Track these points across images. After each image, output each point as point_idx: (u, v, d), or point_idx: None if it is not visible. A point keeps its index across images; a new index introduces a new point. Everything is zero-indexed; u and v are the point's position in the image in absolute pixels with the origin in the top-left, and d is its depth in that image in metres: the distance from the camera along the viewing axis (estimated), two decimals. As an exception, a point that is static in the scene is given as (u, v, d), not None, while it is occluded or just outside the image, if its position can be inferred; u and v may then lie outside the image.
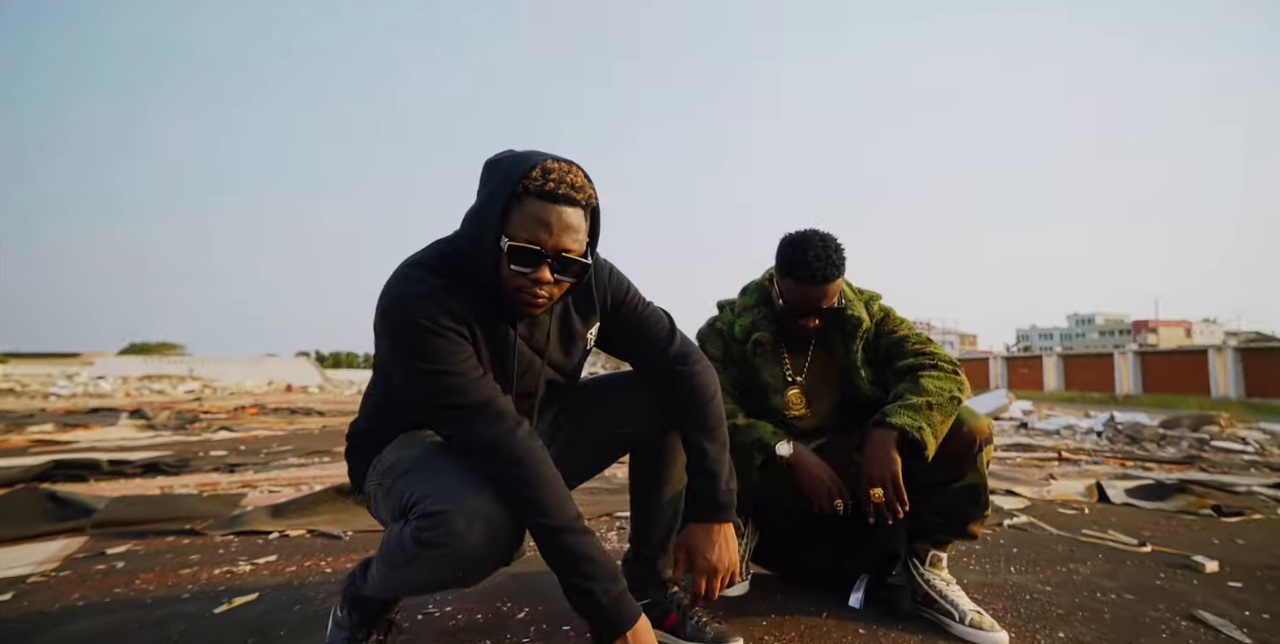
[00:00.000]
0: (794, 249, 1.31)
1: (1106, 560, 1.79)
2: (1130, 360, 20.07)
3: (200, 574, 1.63)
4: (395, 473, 0.99)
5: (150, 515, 2.15)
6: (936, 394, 1.23)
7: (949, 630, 1.25)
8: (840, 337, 1.42)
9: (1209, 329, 66.68)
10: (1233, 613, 1.38)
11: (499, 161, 0.95)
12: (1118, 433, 6.09)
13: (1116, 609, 1.39)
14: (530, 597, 1.44)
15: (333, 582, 1.56)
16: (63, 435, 5.51)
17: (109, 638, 1.24)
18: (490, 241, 0.92)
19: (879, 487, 1.16)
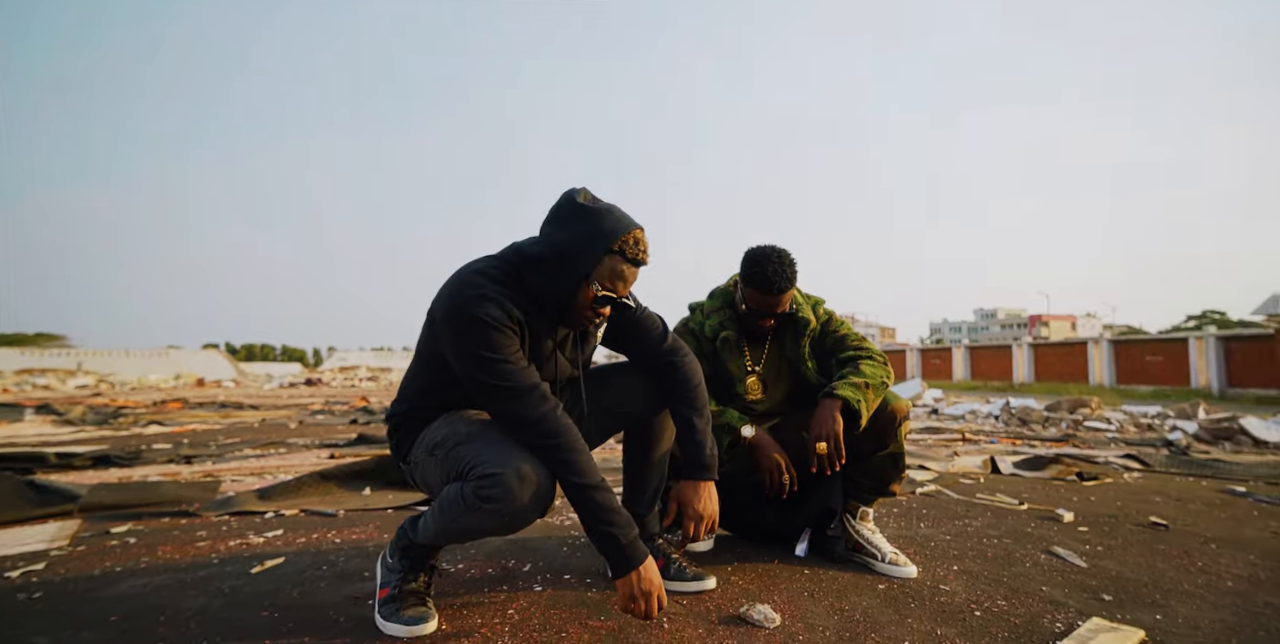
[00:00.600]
0: (756, 263, 1.59)
1: (993, 516, 2.22)
2: (1025, 352, 22.10)
3: (217, 545, 1.76)
4: (449, 444, 1.20)
5: (136, 500, 2.21)
6: (872, 378, 1.55)
7: (873, 568, 1.59)
8: (791, 334, 1.73)
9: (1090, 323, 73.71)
10: (1077, 547, 1.80)
11: (598, 215, 1.17)
12: (1011, 416, 6.90)
13: (996, 550, 1.79)
14: (529, 555, 1.68)
15: (347, 549, 1.74)
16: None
17: (167, 592, 1.38)
18: (577, 279, 1.17)
19: (824, 441, 1.46)
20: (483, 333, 1.14)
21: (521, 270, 1.22)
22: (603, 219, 1.18)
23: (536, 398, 1.15)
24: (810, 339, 1.71)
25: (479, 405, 1.28)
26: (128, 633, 1.19)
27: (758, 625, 1.24)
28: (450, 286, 1.21)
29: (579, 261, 1.17)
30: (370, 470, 2.61)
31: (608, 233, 1.16)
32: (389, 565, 1.29)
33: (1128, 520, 2.18)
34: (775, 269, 1.57)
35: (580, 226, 1.17)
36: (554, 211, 1.22)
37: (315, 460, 3.47)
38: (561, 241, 1.18)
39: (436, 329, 1.22)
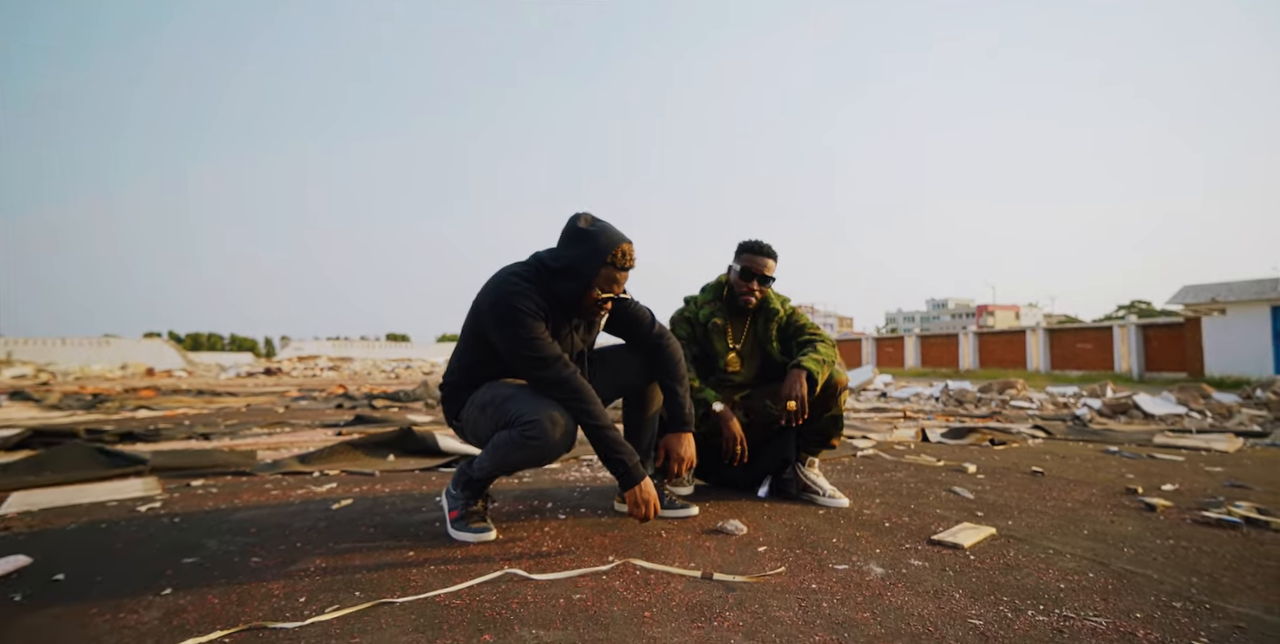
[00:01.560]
0: (752, 240, 2.14)
1: (914, 470, 2.75)
2: (970, 340, 23.44)
3: (289, 493, 2.14)
4: (496, 402, 1.62)
5: (195, 463, 2.55)
6: (825, 357, 2.04)
7: (816, 501, 2.08)
8: (764, 321, 2.20)
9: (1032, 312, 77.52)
10: (970, 487, 2.34)
11: (594, 236, 1.60)
12: (949, 397, 7.63)
13: (910, 489, 2.31)
14: (550, 497, 2.12)
15: (396, 496, 2.14)
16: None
17: (277, 518, 1.77)
18: (584, 284, 1.61)
19: (794, 401, 1.94)
20: (520, 318, 1.57)
21: (543, 276, 1.65)
22: (598, 239, 1.61)
23: (561, 365, 1.59)
24: (777, 326, 2.20)
25: (517, 373, 1.69)
26: (268, 539, 1.58)
27: (730, 533, 1.71)
28: (493, 285, 1.63)
29: (582, 273, 1.60)
30: (393, 441, 2.99)
31: (602, 250, 1.59)
32: (453, 495, 1.71)
33: (1016, 471, 2.75)
34: (765, 243, 2.13)
35: (582, 247, 1.61)
36: (564, 234, 1.65)
37: (324, 437, 3.80)
38: (569, 258, 1.62)
39: (482, 317, 1.64)
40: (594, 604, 1.19)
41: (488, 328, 1.64)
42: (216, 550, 1.51)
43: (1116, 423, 5.31)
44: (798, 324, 2.19)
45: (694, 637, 1.06)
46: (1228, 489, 2.36)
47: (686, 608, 1.18)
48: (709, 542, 1.63)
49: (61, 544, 1.56)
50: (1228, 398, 6.50)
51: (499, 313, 1.59)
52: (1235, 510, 1.90)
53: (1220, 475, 2.68)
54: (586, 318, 1.71)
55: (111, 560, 1.44)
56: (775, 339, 2.19)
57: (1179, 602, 1.22)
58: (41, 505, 1.92)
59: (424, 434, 3.04)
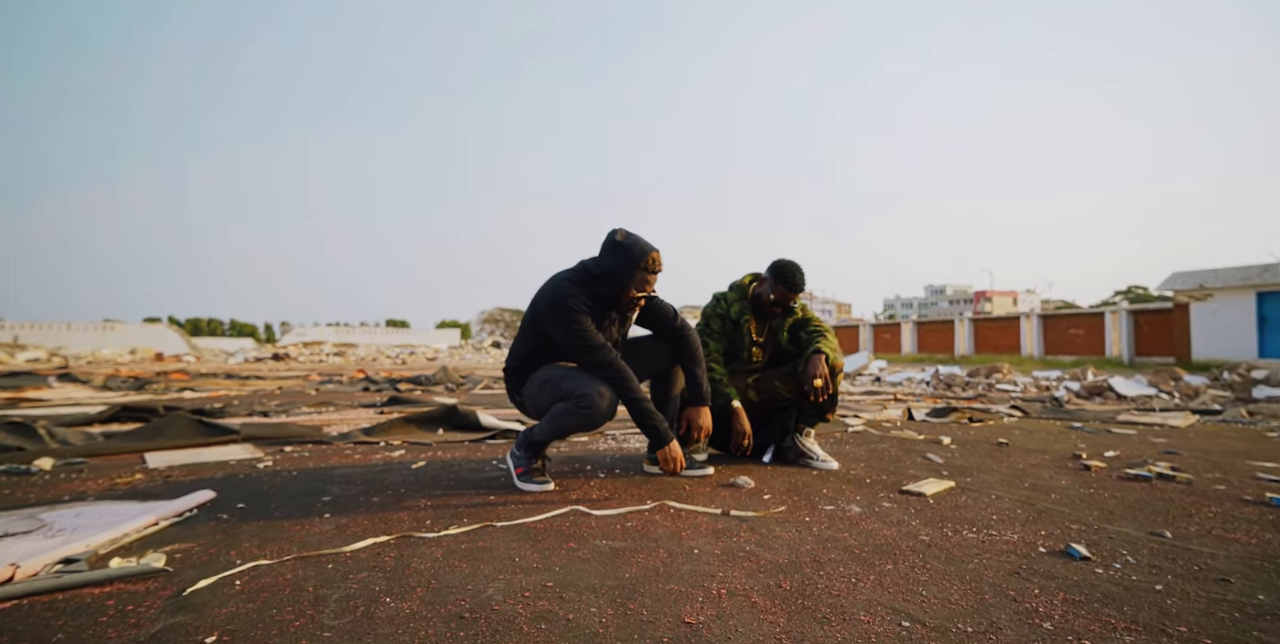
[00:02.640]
0: (789, 270, 2.47)
1: (896, 442, 3.17)
2: (965, 326, 23.87)
3: (369, 457, 2.56)
4: (554, 381, 2.03)
5: (277, 433, 2.96)
6: (831, 344, 2.44)
7: (811, 465, 2.50)
8: (781, 320, 2.61)
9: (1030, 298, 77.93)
10: (942, 455, 2.77)
11: (629, 247, 2.00)
12: (939, 381, 8.06)
13: (890, 456, 2.73)
14: (590, 462, 2.54)
15: (458, 460, 2.55)
16: (33, 394, 5.64)
17: (371, 475, 2.18)
18: (622, 286, 2.01)
19: (819, 379, 2.35)
20: (572, 315, 1.98)
21: (587, 280, 2.05)
22: (632, 250, 2.02)
23: (605, 351, 1.99)
24: (791, 320, 2.60)
25: (569, 358, 2.09)
26: (375, 487, 2.00)
27: (741, 487, 2.12)
28: (549, 289, 2.04)
29: (621, 277, 2.01)
30: (440, 417, 3.40)
31: (636, 258, 2.00)
32: (517, 455, 2.13)
33: (985, 442, 3.17)
34: (800, 277, 2.48)
35: (619, 256, 2.02)
36: (604, 246, 2.05)
37: (368, 416, 4.22)
38: (609, 266, 2.03)
39: (540, 315, 2.04)
40: (642, 528, 1.60)
41: (545, 323, 2.04)
42: (341, 493, 1.92)
43: (1092, 404, 5.73)
44: (806, 318, 2.60)
45: (720, 546, 1.47)
46: (1161, 455, 2.78)
47: (712, 531, 1.59)
48: (724, 492, 2.05)
49: (222, 487, 1.98)
50: (1197, 380, 6.93)
51: (555, 311, 1.99)
52: (1152, 468, 2.32)
53: (1161, 445, 3.10)
54: (624, 313, 2.12)
55: (269, 497, 1.86)
56: (786, 331, 2.60)
57: (1076, 525, 1.64)
58: (176, 463, 2.34)
59: (466, 412, 3.46)
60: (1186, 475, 2.23)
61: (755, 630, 1.02)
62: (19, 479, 2.11)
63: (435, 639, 0.98)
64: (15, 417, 3.27)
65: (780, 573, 1.29)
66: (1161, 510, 1.82)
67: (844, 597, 1.17)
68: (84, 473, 2.22)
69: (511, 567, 1.30)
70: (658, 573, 1.28)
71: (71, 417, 3.57)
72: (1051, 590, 1.20)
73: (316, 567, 1.29)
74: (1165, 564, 1.35)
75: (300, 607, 1.09)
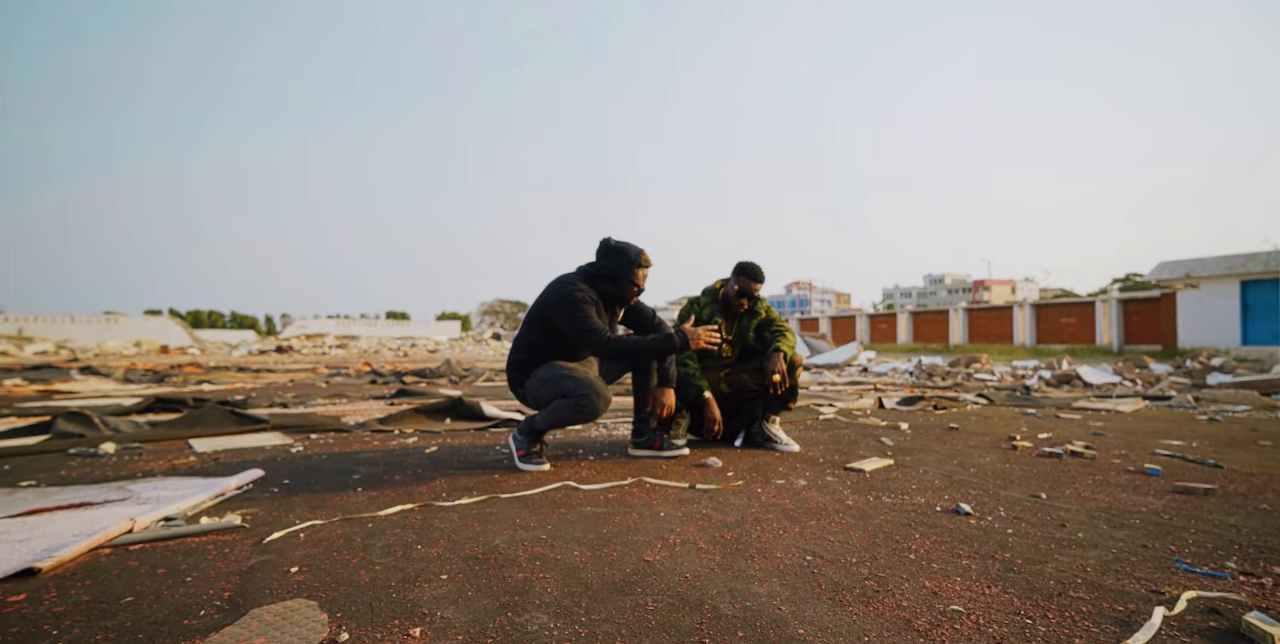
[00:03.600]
0: (749, 265, 2.84)
1: (859, 429, 3.52)
2: (960, 316, 24.20)
3: (387, 443, 2.91)
4: (555, 379, 2.37)
5: (302, 422, 3.31)
6: (790, 342, 2.79)
7: (776, 448, 2.85)
8: (748, 319, 2.94)
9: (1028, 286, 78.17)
10: (895, 439, 3.11)
11: (625, 249, 2.39)
12: (922, 371, 8.41)
13: (848, 440, 3.08)
14: (581, 448, 2.89)
15: (465, 445, 2.90)
16: (63, 386, 6.00)
17: (391, 458, 2.52)
18: (626, 279, 2.39)
19: (778, 375, 2.69)
20: (579, 305, 2.33)
21: (589, 280, 2.41)
22: (628, 251, 2.40)
23: (605, 332, 2.35)
24: (757, 322, 2.94)
25: (574, 339, 2.42)
26: (396, 468, 2.35)
27: (710, 466, 2.47)
28: (557, 286, 2.41)
29: (624, 273, 2.39)
30: (447, 408, 3.75)
31: (634, 258, 2.39)
32: (519, 440, 2.47)
33: (939, 428, 3.52)
34: (758, 270, 2.84)
35: (619, 257, 2.39)
36: (601, 251, 2.41)
37: (379, 407, 4.57)
38: (611, 266, 2.40)
39: (550, 306, 2.39)
40: (621, 499, 1.95)
41: (554, 312, 2.39)
42: (368, 473, 2.27)
43: (1059, 391, 6.09)
44: (770, 319, 2.94)
45: (682, 510, 1.82)
46: (1088, 436, 3.13)
47: (678, 500, 1.94)
48: (695, 470, 2.40)
49: (266, 467, 2.33)
50: (1161, 368, 7.28)
51: (564, 300, 2.35)
52: (1068, 447, 2.67)
53: (1096, 428, 3.45)
54: (625, 303, 2.49)
55: (308, 475, 2.21)
56: (753, 330, 2.94)
57: (976, 491, 2.00)
58: (217, 447, 2.69)
59: (471, 403, 3.80)
60: (1093, 452, 2.58)
61: (696, 564, 1.37)
62: (90, 460, 2.46)
63: (458, 571, 1.32)
64: (73, 407, 3.62)
65: (725, 528, 1.63)
66: (1053, 479, 2.17)
67: (769, 542, 1.51)
68: (143, 456, 2.57)
69: (513, 526, 1.65)
70: (628, 529, 1.63)
71: (112, 407, 3.92)
72: (928, 535, 1.55)
73: (359, 525, 1.64)
74: (1026, 517, 1.70)
75: (353, 551, 1.44)
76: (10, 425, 3.25)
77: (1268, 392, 5.06)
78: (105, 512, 1.64)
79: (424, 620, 1.08)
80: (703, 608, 1.14)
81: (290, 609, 1.10)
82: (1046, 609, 1.13)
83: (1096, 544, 1.48)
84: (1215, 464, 2.37)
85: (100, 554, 1.39)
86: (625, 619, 1.09)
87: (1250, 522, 1.66)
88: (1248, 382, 5.29)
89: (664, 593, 1.20)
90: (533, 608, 1.14)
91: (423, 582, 1.26)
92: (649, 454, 2.63)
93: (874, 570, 1.32)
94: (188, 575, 1.27)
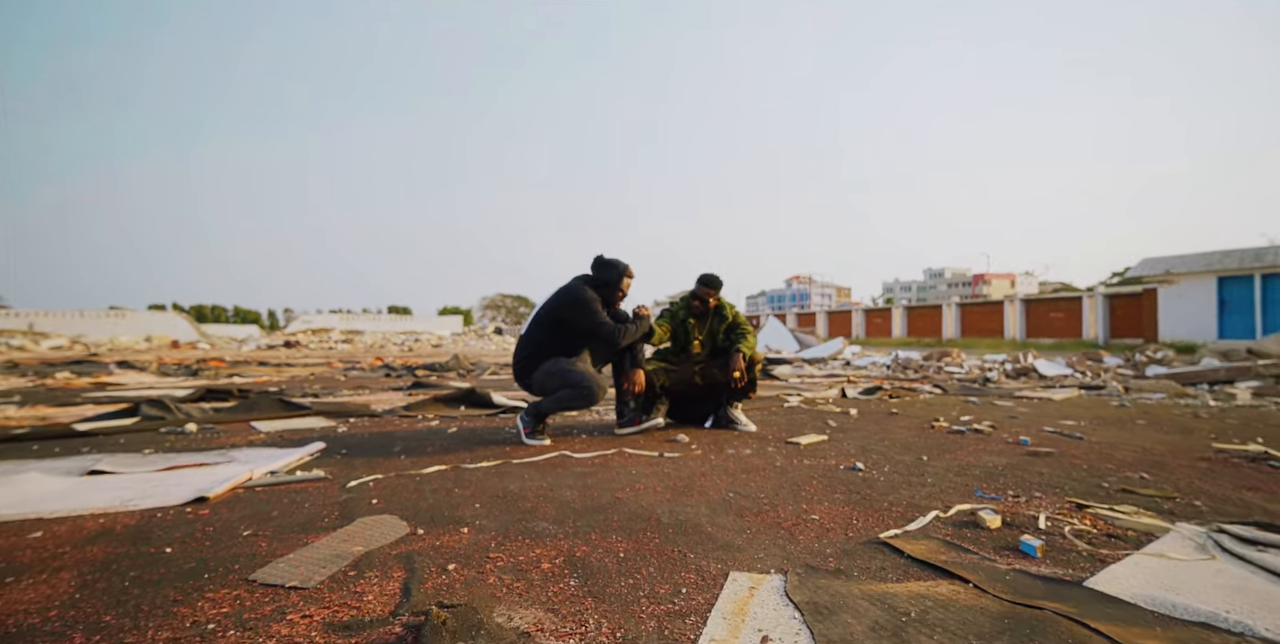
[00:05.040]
0: (706, 275, 3.43)
1: (815, 413, 4.11)
2: (953, 311, 24.76)
3: (415, 426, 3.50)
4: (561, 371, 2.97)
5: (338, 409, 3.91)
6: (752, 342, 3.38)
7: (737, 428, 3.44)
8: (718, 320, 3.53)
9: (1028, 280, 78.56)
10: (841, 421, 3.70)
11: (615, 263, 3.05)
12: (898, 365, 9.00)
13: (800, 422, 3.67)
14: (576, 428, 3.48)
15: (480, 426, 3.49)
16: (109, 379, 6.61)
17: (419, 437, 3.11)
18: (616, 288, 3.04)
19: (737, 372, 3.28)
20: (591, 304, 2.95)
21: (592, 284, 3.02)
22: (618, 264, 3.04)
23: (611, 325, 2.97)
24: (725, 324, 3.53)
25: (585, 331, 3.01)
26: (426, 443, 2.94)
27: (679, 441, 3.06)
28: (572, 288, 3.03)
29: (616, 282, 3.02)
30: (461, 397, 4.35)
31: (622, 270, 3.03)
32: (526, 420, 3.06)
33: (883, 413, 4.11)
34: (712, 278, 3.43)
35: (612, 270, 3.03)
36: (596, 265, 3.05)
37: (400, 397, 5.16)
38: (605, 277, 3.03)
39: (563, 306, 2.99)
40: (604, 463, 2.54)
41: (571, 312, 2.99)
42: (405, 446, 2.87)
43: (1015, 382, 6.67)
44: (737, 322, 3.53)
45: (649, 470, 2.41)
46: (1004, 419, 3.72)
47: (648, 464, 2.53)
48: (666, 444, 2.99)
49: (324, 442, 2.92)
50: (1113, 361, 7.86)
51: (580, 301, 2.97)
52: (973, 426, 3.26)
53: (1018, 412, 4.04)
54: (611, 306, 3.11)
55: (359, 447, 2.80)
56: (722, 332, 3.54)
57: (878, 456, 2.59)
58: (276, 428, 3.29)
59: (483, 393, 4.40)
60: (991, 429, 3.17)
61: (651, 499, 1.96)
62: (180, 436, 3.06)
63: (486, 502, 1.91)
64: (132, 397, 4.22)
65: (677, 479, 2.23)
66: (943, 448, 2.76)
67: (706, 487, 2.11)
68: (219, 434, 3.17)
69: (523, 479, 2.24)
70: (607, 481, 2.22)
71: (169, 397, 4.52)
72: (821, 482, 2.14)
73: (409, 478, 2.23)
74: (901, 470, 2.30)
75: (410, 491, 2.03)
76: (99, 411, 3.85)
77: (1192, 381, 5.65)
78: (222, 469, 2.24)
79: (469, 525, 1.68)
80: (649, 519, 1.73)
81: (380, 519, 1.70)
82: (870, 515, 1.73)
83: (935, 485, 2.08)
84: (1079, 437, 2.96)
85: (238, 492, 1.99)
86: (598, 525, 1.69)
87: (1055, 471, 2.25)
88: (1177, 373, 5.86)
89: (626, 513, 1.80)
90: (538, 520, 1.73)
91: (463, 507, 1.85)
92: (631, 431, 3.22)
93: (772, 501, 1.91)
94: (305, 503, 1.87)
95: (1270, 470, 2.29)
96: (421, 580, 1.28)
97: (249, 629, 1.07)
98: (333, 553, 1.42)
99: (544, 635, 1.06)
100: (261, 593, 1.22)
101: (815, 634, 1.03)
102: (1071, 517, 1.70)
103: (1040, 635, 1.02)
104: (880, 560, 1.40)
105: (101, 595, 1.21)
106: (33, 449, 2.73)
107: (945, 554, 1.40)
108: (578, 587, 1.27)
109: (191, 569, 1.34)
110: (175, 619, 1.11)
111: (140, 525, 1.65)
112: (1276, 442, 2.85)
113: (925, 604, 1.13)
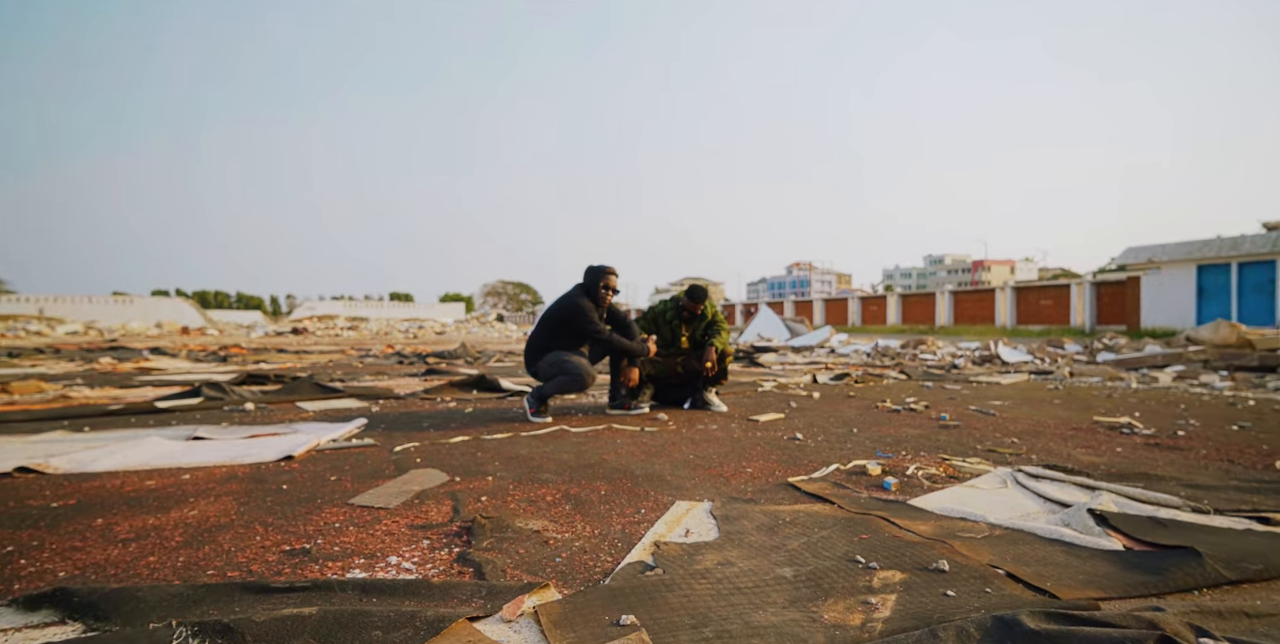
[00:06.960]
0: (693, 289, 3.99)
1: (782, 396, 4.69)
2: (946, 298, 25.29)
3: (436, 407, 4.10)
4: (560, 362, 3.56)
5: (368, 392, 4.50)
6: (724, 337, 3.96)
7: (710, 409, 4.03)
8: (699, 320, 4.11)
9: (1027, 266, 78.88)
10: (803, 402, 4.29)
11: (601, 270, 3.61)
12: (877, 352, 9.58)
13: (767, 403, 4.26)
14: (573, 409, 4.08)
15: (492, 406, 4.08)
16: (148, 365, 7.22)
17: (443, 415, 3.71)
18: (600, 286, 3.62)
19: (709, 362, 3.87)
20: (586, 312, 3.53)
21: (585, 292, 3.60)
22: (601, 268, 3.63)
23: (602, 330, 3.55)
24: (704, 324, 4.11)
25: (580, 334, 3.60)
26: (448, 421, 3.54)
27: (661, 420, 3.65)
28: (567, 300, 3.60)
29: (598, 280, 3.61)
30: (473, 382, 4.94)
31: (600, 271, 3.62)
32: (531, 402, 3.65)
33: (841, 395, 4.70)
34: (697, 292, 3.97)
35: (595, 273, 3.62)
36: (586, 273, 3.61)
37: (417, 382, 5.76)
38: (589, 281, 3.60)
39: (563, 312, 3.56)
40: (595, 436, 3.13)
41: (569, 317, 3.56)
42: (431, 423, 3.46)
43: (979, 368, 7.25)
44: (715, 321, 4.11)
45: (631, 441, 3.00)
46: (944, 401, 4.31)
47: (631, 436, 3.12)
48: (648, 421, 3.58)
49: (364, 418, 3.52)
50: (1073, 348, 8.44)
51: (577, 311, 3.53)
52: (910, 406, 3.85)
53: (962, 395, 4.62)
54: (601, 303, 3.66)
55: (394, 424, 3.40)
56: (701, 329, 4.12)
57: (819, 430, 3.18)
58: (319, 408, 3.88)
59: (492, 379, 5.00)
60: (924, 407, 3.76)
61: (629, 460, 2.55)
62: (242, 414, 3.66)
63: (503, 461, 2.51)
64: (179, 381, 4.82)
65: (652, 447, 2.82)
66: (877, 423, 3.35)
67: (674, 453, 2.70)
68: (273, 412, 3.77)
69: (529, 447, 2.84)
70: (597, 448, 2.81)
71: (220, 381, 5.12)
72: (764, 448, 2.74)
73: (441, 445, 2.83)
74: (833, 440, 2.89)
75: (444, 454, 2.63)
76: (160, 393, 4.45)
77: (1134, 367, 6.23)
78: (292, 438, 2.84)
79: (492, 475, 2.27)
80: (626, 472, 2.33)
81: (426, 472, 2.29)
82: (791, 469, 2.32)
83: (853, 449, 2.67)
84: (992, 414, 3.55)
85: (313, 453, 2.59)
86: (587, 475, 2.28)
87: (951, 439, 2.85)
88: (1121, 359, 6.44)
89: (609, 469, 2.39)
90: (542, 472, 2.32)
91: (486, 465, 2.45)
92: (620, 413, 3.82)
93: (720, 461, 2.51)
94: (367, 461, 2.47)
95: (1121, 436, 2.89)
96: (465, 505, 1.88)
97: (362, 528, 1.67)
98: (399, 490, 2.02)
99: (549, 532, 1.65)
100: (361, 510, 1.81)
101: (720, 529, 1.62)
102: (932, 466, 2.29)
103: (861, 528, 1.61)
104: (783, 495, 2.00)
105: (256, 509, 1.81)
106: (130, 421, 3.33)
107: (830, 491, 1.99)
108: (571, 510, 1.86)
109: (306, 497, 1.94)
110: (312, 523, 1.70)
111: (254, 473, 2.25)
112: (1149, 415, 3.44)
113: (798, 514, 1.72)
